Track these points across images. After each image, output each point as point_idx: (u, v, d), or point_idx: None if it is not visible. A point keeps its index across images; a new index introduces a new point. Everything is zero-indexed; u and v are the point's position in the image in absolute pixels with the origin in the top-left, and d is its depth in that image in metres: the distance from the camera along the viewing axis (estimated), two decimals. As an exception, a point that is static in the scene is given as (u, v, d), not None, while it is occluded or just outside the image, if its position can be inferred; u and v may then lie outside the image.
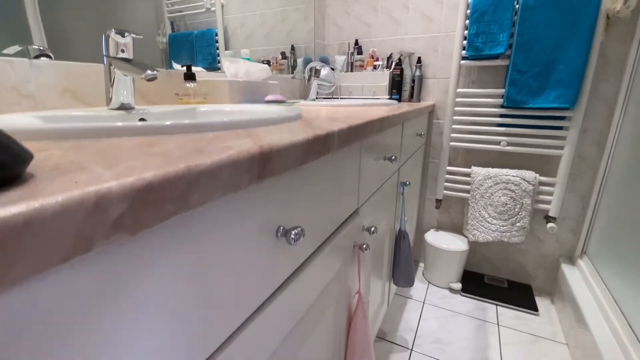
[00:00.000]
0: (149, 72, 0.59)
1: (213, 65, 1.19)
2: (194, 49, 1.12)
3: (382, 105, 1.16)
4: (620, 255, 1.14)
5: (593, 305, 1.17)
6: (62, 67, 0.68)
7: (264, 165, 0.32)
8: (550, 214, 1.40)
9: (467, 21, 1.35)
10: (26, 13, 0.67)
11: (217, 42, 1.22)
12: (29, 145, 0.23)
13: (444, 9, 1.48)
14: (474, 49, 1.35)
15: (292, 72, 1.65)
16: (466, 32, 1.36)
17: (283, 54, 1.61)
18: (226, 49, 1.25)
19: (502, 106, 1.38)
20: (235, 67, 1.00)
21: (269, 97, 0.99)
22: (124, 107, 0.65)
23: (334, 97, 1.68)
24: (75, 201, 0.17)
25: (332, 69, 1.72)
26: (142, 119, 0.66)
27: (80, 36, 0.76)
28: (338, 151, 0.56)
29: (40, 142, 0.31)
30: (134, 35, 0.59)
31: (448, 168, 1.56)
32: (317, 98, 1.44)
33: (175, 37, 1.03)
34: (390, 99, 1.58)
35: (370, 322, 0.96)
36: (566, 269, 1.40)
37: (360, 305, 0.72)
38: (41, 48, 0.71)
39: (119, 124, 0.35)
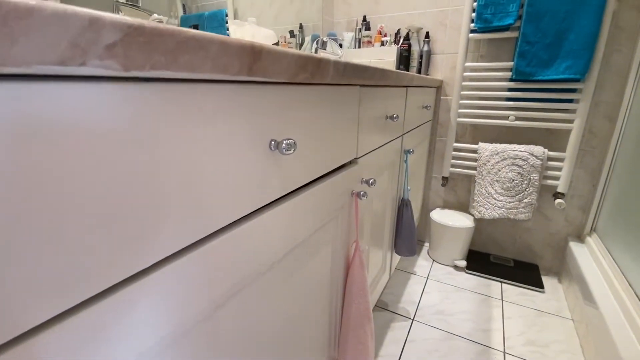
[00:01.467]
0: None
1: None
2: (205, 29, 1.14)
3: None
4: (630, 232, 1.11)
5: (601, 282, 1.15)
6: None
7: (255, 58, 0.34)
8: (559, 190, 1.38)
9: (476, -7, 1.34)
10: None
11: (227, 22, 1.24)
12: None
13: (453, -17, 1.47)
14: (483, 20, 1.34)
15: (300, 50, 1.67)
16: (475, 4, 1.35)
17: (291, 32, 1.63)
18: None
19: (510, 79, 1.36)
20: (241, 31, 1.02)
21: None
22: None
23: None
24: (72, 11, 0.19)
25: (340, 46, 1.73)
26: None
27: None
28: (336, 87, 0.57)
29: None
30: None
31: (455, 144, 1.55)
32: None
33: (187, 18, 1.06)
34: (398, 75, 1.58)
35: (367, 273, 0.97)
36: (574, 247, 1.38)
37: (358, 253, 0.73)
38: None
39: None
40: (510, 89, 1.38)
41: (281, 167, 0.46)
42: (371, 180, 0.74)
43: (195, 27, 1.11)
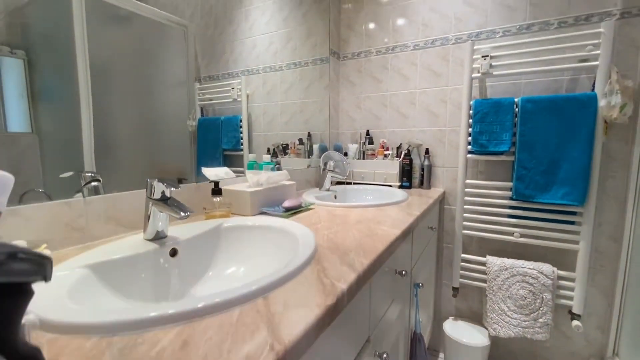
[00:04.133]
0: (182, 213, 0.68)
1: (237, 147, 1.31)
2: (220, 132, 1.24)
3: (393, 205, 1.21)
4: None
5: None
6: (109, 199, 0.79)
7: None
8: (574, 310, 1.34)
9: (471, 120, 1.46)
10: (82, 139, 0.79)
11: (241, 127, 1.35)
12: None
13: (448, 107, 1.61)
14: (479, 145, 1.43)
15: (308, 157, 1.77)
16: (470, 129, 1.46)
17: (300, 140, 1.75)
18: (249, 132, 1.38)
19: (511, 198, 1.42)
20: (257, 177, 1.10)
21: (287, 204, 1.07)
22: (158, 236, 0.73)
23: (347, 181, 1.76)
24: None
25: (345, 154, 1.84)
26: (173, 249, 0.73)
27: (126, 154, 0.88)
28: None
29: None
30: (173, 189, 0.69)
31: (463, 255, 1.55)
32: (330, 189, 1.52)
33: (204, 121, 1.15)
34: (401, 186, 1.65)
35: None
36: (599, 373, 1.30)
37: None
38: (92, 174, 0.82)
39: (152, 314, 0.41)
40: (512, 207, 1.42)
41: None
42: (384, 355, 0.74)
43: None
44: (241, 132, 1.35)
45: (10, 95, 0.69)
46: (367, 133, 1.82)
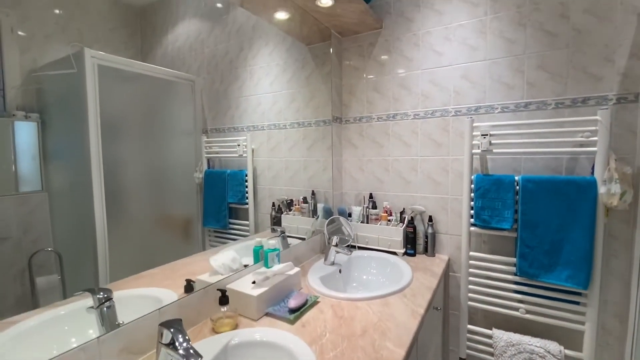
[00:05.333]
0: (191, 364, 0.70)
1: (242, 201, 1.34)
2: (226, 185, 1.28)
3: (398, 294, 1.23)
4: None
5: None
6: (121, 335, 0.81)
7: None
8: (584, 391, 1.33)
9: (473, 194, 1.48)
10: (92, 193, 0.82)
11: (246, 181, 1.38)
12: None
13: (450, 176, 1.63)
14: (482, 220, 1.45)
15: (313, 216, 1.80)
16: (472, 202, 1.48)
17: (305, 198, 1.78)
18: (254, 186, 1.41)
19: (515, 274, 1.42)
20: (263, 274, 1.13)
21: (292, 303, 1.09)
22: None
23: (351, 246, 1.77)
24: None
25: (350, 215, 1.86)
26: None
27: (135, 205, 0.92)
28: None
29: None
30: (181, 340, 0.71)
31: (469, 327, 1.55)
32: (334, 262, 1.54)
33: (210, 173, 1.19)
34: (406, 253, 1.67)
35: None
36: None
37: None
38: (104, 295, 0.85)
39: None
40: (516, 283, 1.43)
41: None
42: None
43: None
44: (246, 187, 1.38)
45: (23, 158, 0.71)
46: (371, 196, 1.84)
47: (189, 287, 1.05)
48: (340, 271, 1.52)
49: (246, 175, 1.36)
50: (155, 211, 1.01)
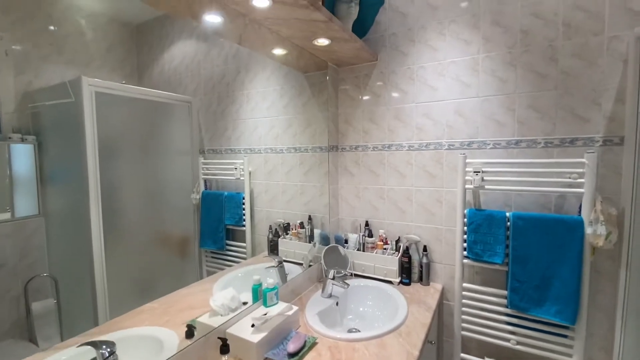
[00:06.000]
0: None
1: (239, 223, 1.36)
2: (223, 207, 1.29)
3: (393, 333, 1.26)
4: None
5: None
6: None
7: None
8: (572, 420, 1.38)
9: (466, 228, 1.52)
10: (90, 215, 0.82)
11: (244, 203, 1.40)
12: None
13: (444, 207, 1.67)
14: (474, 254, 1.50)
15: (309, 241, 1.83)
16: (465, 236, 1.52)
17: (302, 223, 1.81)
18: (251, 208, 1.43)
19: (506, 306, 1.47)
20: (263, 318, 1.16)
21: (291, 348, 1.12)
22: None
23: (348, 273, 1.80)
24: None
25: (346, 242, 1.89)
26: None
27: (132, 226, 0.93)
28: None
29: None
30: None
31: (462, 355, 1.60)
32: (332, 295, 1.57)
33: (208, 194, 1.19)
34: (401, 281, 1.71)
35: None
36: None
37: None
38: (108, 349, 0.87)
39: None
40: (508, 315, 1.48)
41: None
42: None
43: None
44: (244, 209, 1.41)
45: (20, 182, 0.71)
46: (367, 224, 1.88)
47: (190, 332, 1.08)
48: (337, 303, 1.55)
49: (243, 198, 1.38)
50: (152, 233, 1.01)
